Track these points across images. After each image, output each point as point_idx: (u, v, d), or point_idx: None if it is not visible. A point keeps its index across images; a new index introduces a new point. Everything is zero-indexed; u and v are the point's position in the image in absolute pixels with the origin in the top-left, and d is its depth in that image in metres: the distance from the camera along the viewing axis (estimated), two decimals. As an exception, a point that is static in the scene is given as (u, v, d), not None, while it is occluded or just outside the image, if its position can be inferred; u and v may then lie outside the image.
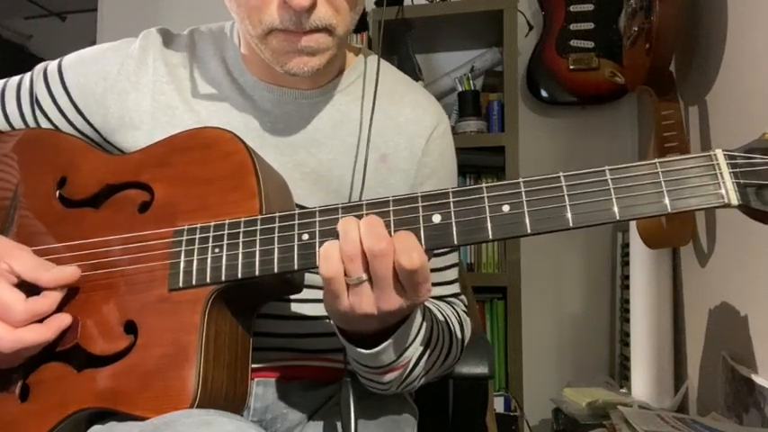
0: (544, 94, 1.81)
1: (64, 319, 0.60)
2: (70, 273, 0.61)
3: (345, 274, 0.52)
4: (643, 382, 1.34)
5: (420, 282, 0.52)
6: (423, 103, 0.80)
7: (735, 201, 0.49)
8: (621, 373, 1.67)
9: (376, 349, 0.58)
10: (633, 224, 1.36)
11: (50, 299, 0.60)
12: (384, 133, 0.75)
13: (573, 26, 1.76)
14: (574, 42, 1.76)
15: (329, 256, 0.52)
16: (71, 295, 0.62)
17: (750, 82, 1.00)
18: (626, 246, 1.59)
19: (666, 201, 0.50)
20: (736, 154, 0.50)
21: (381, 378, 0.64)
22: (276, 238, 0.57)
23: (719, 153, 0.50)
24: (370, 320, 0.55)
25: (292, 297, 0.73)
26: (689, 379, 1.26)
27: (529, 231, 0.51)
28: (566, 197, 0.51)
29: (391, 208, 0.55)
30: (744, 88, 1.02)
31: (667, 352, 1.32)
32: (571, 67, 1.75)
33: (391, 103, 0.77)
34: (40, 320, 0.59)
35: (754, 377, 0.90)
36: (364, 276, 0.52)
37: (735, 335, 1.02)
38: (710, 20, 1.16)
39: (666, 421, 0.98)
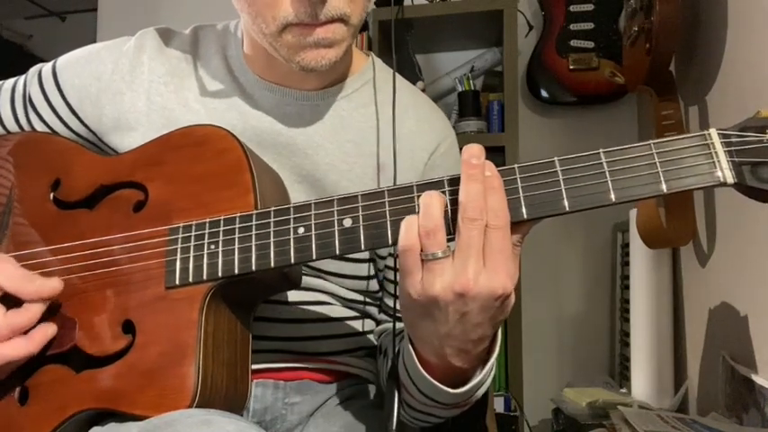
0: (544, 94, 1.81)
1: (47, 330, 0.60)
2: (52, 286, 0.60)
3: (421, 250, 0.49)
4: (643, 382, 1.33)
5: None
6: (428, 117, 0.79)
7: (730, 179, 0.48)
8: (621, 373, 1.66)
9: (469, 385, 0.56)
10: (633, 223, 1.35)
11: (31, 312, 0.59)
12: (386, 144, 0.74)
13: (573, 26, 1.76)
14: (574, 42, 1.75)
15: (409, 228, 0.50)
16: (68, 297, 0.62)
17: (750, 82, 0.99)
18: (626, 246, 1.58)
19: (662, 181, 0.49)
20: (731, 132, 0.49)
21: (444, 412, 0.62)
22: (272, 233, 0.57)
23: (714, 132, 0.49)
24: (444, 313, 0.51)
25: (290, 300, 0.73)
26: (689, 379, 1.26)
27: (525, 217, 0.51)
28: (561, 181, 0.51)
29: (386, 199, 0.54)
30: (744, 88, 1.02)
31: (667, 352, 1.32)
32: (571, 67, 1.74)
33: (396, 113, 0.76)
34: (25, 333, 0.59)
35: (754, 377, 0.90)
36: (440, 253, 0.49)
37: (735, 335, 1.01)
38: (710, 20, 1.16)
39: (666, 421, 0.98)
